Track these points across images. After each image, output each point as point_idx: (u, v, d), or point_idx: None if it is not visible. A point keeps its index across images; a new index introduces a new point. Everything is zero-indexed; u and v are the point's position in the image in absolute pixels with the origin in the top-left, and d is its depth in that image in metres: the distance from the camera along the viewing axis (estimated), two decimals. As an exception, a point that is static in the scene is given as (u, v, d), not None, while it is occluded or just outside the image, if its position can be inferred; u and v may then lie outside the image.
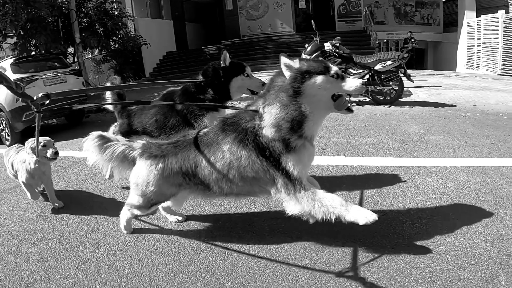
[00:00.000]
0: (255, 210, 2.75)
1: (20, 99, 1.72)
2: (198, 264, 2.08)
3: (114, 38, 13.36)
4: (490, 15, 13.65)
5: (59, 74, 7.45)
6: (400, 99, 6.51)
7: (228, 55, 2.68)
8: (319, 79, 1.81)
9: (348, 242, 2.21)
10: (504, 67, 13.01)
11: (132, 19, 14.68)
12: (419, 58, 17.98)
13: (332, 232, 2.30)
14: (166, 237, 2.41)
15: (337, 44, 6.35)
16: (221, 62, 2.68)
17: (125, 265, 2.11)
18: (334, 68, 1.84)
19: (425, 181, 3.10)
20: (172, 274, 2.00)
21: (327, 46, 6.34)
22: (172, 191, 2.21)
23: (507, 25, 12.93)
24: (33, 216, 2.97)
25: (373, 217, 1.81)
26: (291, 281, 1.90)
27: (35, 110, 1.73)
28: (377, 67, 6.04)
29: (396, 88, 6.22)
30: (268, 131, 1.87)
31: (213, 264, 2.07)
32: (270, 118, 1.87)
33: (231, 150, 1.94)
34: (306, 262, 2.06)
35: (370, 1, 16.55)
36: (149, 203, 2.23)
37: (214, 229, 2.50)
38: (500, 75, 12.76)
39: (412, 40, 13.35)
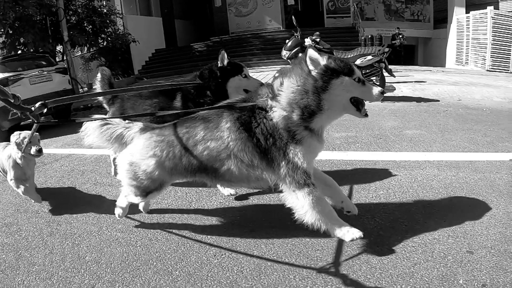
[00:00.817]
0: (214, 204, 2.78)
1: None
2: (152, 253, 2.17)
3: (103, 35, 13.28)
4: (479, 11, 13.61)
5: (45, 72, 7.47)
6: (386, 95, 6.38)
7: (226, 55, 2.62)
8: (345, 80, 1.80)
9: (299, 235, 2.19)
10: (493, 63, 12.98)
11: (120, 16, 14.57)
12: (409, 55, 17.94)
13: (285, 225, 2.29)
14: (128, 228, 2.52)
15: (317, 40, 6.23)
16: (219, 62, 2.62)
17: (87, 253, 2.24)
18: (357, 72, 1.85)
19: (393, 175, 2.99)
20: (127, 262, 2.10)
21: (307, 41, 6.23)
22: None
23: (496, 21, 12.90)
24: (11, 210, 3.08)
25: (358, 234, 1.92)
26: (235, 271, 1.94)
27: (35, 121, 1.70)
28: (358, 62, 5.95)
29: (378, 83, 6.12)
30: (277, 113, 1.85)
31: (166, 253, 2.16)
32: (285, 95, 1.85)
33: (231, 130, 1.90)
34: (254, 253, 2.07)
35: (360, -2, 16.52)
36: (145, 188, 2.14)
37: (173, 221, 2.57)
38: (489, 71, 12.72)
39: (400, 36, 13.31)
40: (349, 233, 1.92)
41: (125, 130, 2.17)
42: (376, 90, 1.86)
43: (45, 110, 1.68)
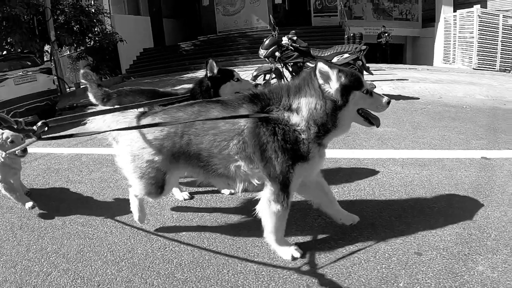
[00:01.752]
0: (166, 200, 2.82)
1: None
2: (104, 245, 2.30)
3: (90, 35, 13.15)
4: (466, 10, 13.59)
5: (29, 73, 7.44)
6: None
7: (214, 64, 2.60)
8: (357, 95, 1.77)
9: (241, 233, 2.24)
10: (479, 61, 12.98)
11: (108, 15, 14.40)
12: (398, 53, 17.95)
13: (230, 223, 2.37)
14: (88, 222, 2.64)
15: (294, 38, 6.13)
16: (208, 72, 2.61)
17: (49, 245, 2.38)
18: (366, 84, 1.82)
19: (352, 172, 2.91)
20: (81, 253, 2.23)
21: (284, 40, 6.13)
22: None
23: (482, 19, 12.89)
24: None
25: (297, 255, 1.92)
26: (175, 264, 2.03)
27: (37, 139, 1.73)
28: (334, 60, 5.86)
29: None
30: (298, 125, 1.78)
31: (117, 245, 2.28)
32: (303, 118, 1.78)
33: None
34: (195, 247, 2.17)
35: (348, -4, 16.47)
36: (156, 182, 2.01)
37: (127, 215, 2.60)
38: (475, 69, 12.71)
39: (386, 34, 13.26)
40: (288, 253, 1.94)
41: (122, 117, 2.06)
42: (383, 100, 1.84)
43: (46, 129, 1.68)
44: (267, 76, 6.46)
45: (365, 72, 6.04)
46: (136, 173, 1.99)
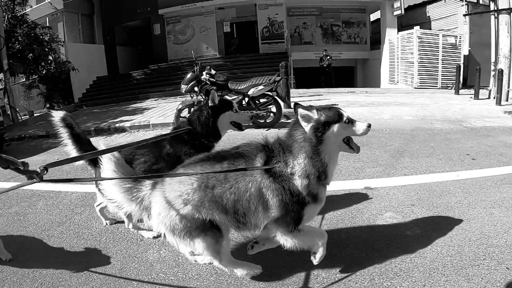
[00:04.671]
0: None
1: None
2: None
3: (43, 64, 12.89)
4: (406, 32, 14.23)
5: None
6: (284, 121, 6.36)
7: (216, 94, 2.74)
8: (336, 127, 1.89)
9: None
10: (421, 80, 13.49)
11: (61, 44, 14.21)
12: (349, 76, 18.49)
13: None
14: None
15: (212, 73, 6.23)
16: (210, 102, 2.72)
17: None
18: (345, 115, 1.93)
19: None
20: None
21: (204, 75, 6.21)
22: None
23: (422, 40, 13.48)
24: None
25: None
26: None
27: (38, 180, 1.75)
28: (250, 92, 5.94)
29: (275, 111, 6.10)
30: (299, 182, 1.88)
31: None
32: (300, 169, 1.89)
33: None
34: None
35: (298, 23, 16.93)
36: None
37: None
38: (416, 88, 13.18)
39: (328, 57, 13.60)
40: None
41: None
42: (363, 125, 1.95)
43: (45, 172, 1.75)
44: (192, 110, 6.46)
45: (280, 101, 6.13)
46: None
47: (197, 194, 1.84)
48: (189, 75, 6.38)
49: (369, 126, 1.97)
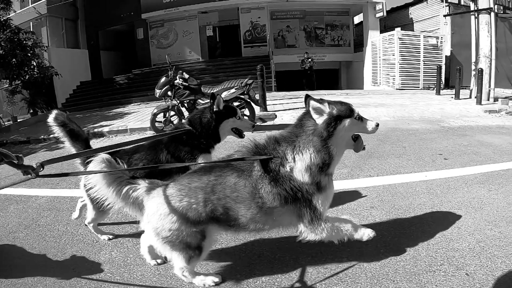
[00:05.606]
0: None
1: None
2: None
3: (26, 69, 12.69)
4: (388, 33, 14.38)
5: None
6: (259, 124, 6.37)
7: (222, 99, 2.70)
8: (348, 122, 1.90)
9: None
10: (402, 81, 13.62)
11: (45, 49, 14.03)
12: (333, 78, 18.60)
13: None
14: None
15: (186, 77, 6.19)
16: (215, 107, 2.65)
17: None
18: (356, 111, 1.95)
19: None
20: None
21: (177, 79, 6.17)
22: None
23: (403, 41, 13.63)
24: None
25: (372, 233, 2.05)
26: None
27: (34, 176, 1.74)
28: (223, 95, 5.90)
29: (249, 114, 6.09)
30: (300, 175, 1.87)
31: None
32: (303, 163, 1.87)
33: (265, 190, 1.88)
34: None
35: (281, 26, 16.99)
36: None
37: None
38: (398, 89, 13.32)
39: (309, 60, 13.65)
40: (366, 235, 2.05)
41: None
42: (373, 123, 1.98)
43: (41, 169, 1.75)
44: (167, 114, 6.43)
45: (253, 104, 6.13)
46: None
47: (194, 211, 1.84)
48: (162, 80, 6.30)
49: (377, 125, 1.99)
